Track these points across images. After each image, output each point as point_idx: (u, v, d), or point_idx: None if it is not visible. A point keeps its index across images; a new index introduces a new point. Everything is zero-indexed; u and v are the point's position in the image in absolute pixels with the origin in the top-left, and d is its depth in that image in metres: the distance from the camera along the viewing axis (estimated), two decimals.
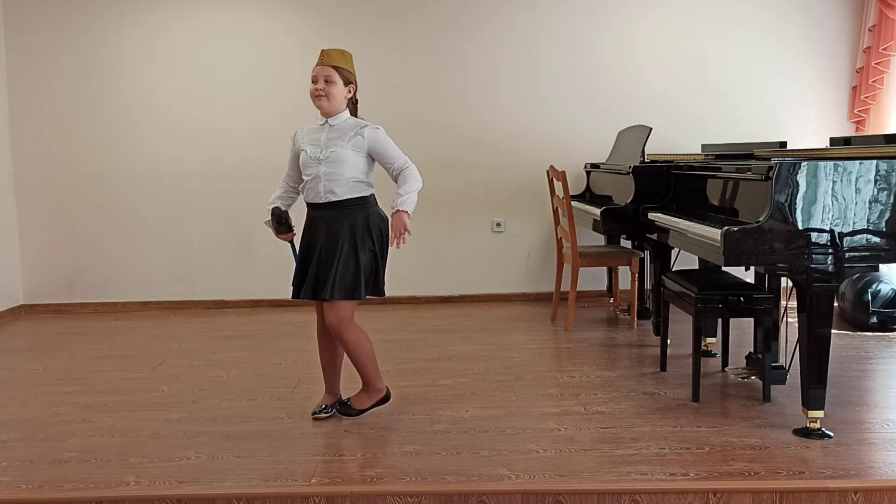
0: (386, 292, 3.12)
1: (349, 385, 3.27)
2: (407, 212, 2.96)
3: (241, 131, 5.56)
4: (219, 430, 3.05)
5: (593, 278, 5.64)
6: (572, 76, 5.60)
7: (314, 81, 3.02)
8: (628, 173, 4.32)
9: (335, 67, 3.01)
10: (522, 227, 5.70)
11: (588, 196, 5.45)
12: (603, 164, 5.27)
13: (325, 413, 3.16)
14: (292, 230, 3.19)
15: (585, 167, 5.55)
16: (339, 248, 2.97)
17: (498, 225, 5.69)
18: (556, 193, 4.76)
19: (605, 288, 5.70)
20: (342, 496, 2.46)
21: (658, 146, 5.30)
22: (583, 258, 4.66)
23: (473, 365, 3.95)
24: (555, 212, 4.92)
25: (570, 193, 4.62)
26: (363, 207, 3.03)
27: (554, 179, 4.81)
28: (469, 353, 4.18)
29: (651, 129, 4.65)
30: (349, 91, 3.06)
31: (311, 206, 3.07)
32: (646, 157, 4.54)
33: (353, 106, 3.12)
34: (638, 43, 5.59)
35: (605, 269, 5.60)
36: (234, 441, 2.93)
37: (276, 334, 4.78)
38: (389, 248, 3.07)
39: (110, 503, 2.47)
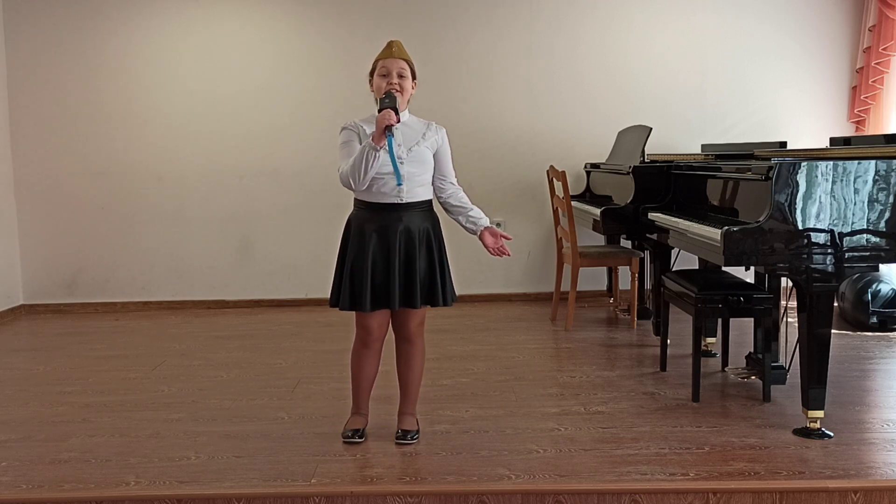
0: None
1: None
2: (488, 223, 2.86)
3: (240, 132, 5.56)
4: (219, 430, 3.05)
5: (593, 278, 5.64)
6: (572, 76, 5.60)
7: (385, 74, 2.77)
8: (628, 173, 4.32)
9: (406, 61, 2.80)
10: (522, 227, 5.69)
11: (588, 196, 5.45)
12: (603, 164, 5.27)
13: (360, 438, 2.88)
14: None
15: (585, 167, 5.55)
16: (421, 251, 2.79)
17: (498, 225, 5.62)
18: (556, 193, 4.76)
19: (605, 288, 5.70)
20: (342, 496, 2.46)
21: (658, 146, 5.30)
22: (583, 258, 4.66)
23: (473, 365, 3.95)
24: (555, 212, 4.92)
25: (570, 193, 4.62)
26: (433, 209, 2.88)
27: (554, 179, 4.81)
28: (469, 353, 4.18)
29: (651, 129, 4.65)
30: (413, 86, 2.86)
31: (382, 207, 2.77)
32: (646, 157, 4.54)
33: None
34: (638, 43, 5.59)
35: (605, 269, 5.60)
36: (234, 441, 2.93)
37: (276, 334, 4.78)
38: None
39: (110, 503, 2.47)
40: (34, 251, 5.58)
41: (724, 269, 3.53)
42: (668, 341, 3.85)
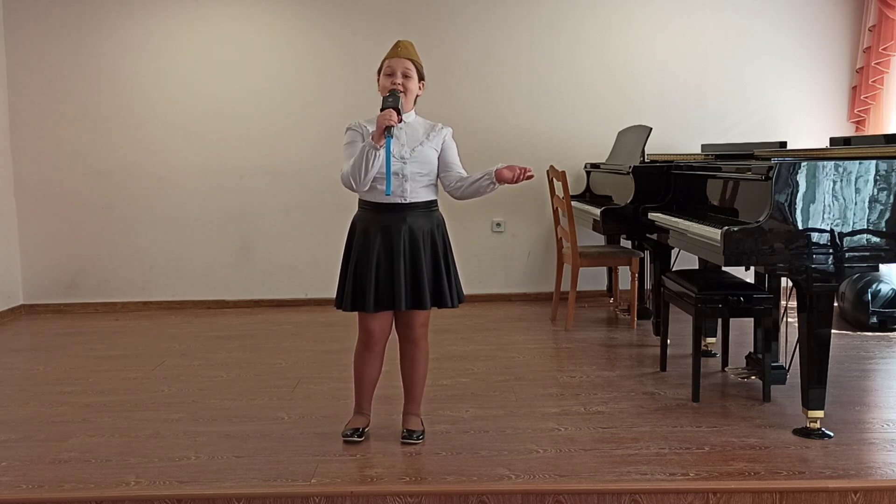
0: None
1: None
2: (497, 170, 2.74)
3: (241, 132, 5.56)
4: (219, 430, 3.05)
5: (593, 278, 5.64)
6: (572, 76, 5.60)
7: (390, 74, 2.76)
8: (628, 173, 4.33)
9: (412, 61, 2.80)
10: (522, 227, 5.70)
11: (588, 196, 5.45)
12: (603, 164, 5.27)
13: (359, 437, 2.89)
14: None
15: (585, 167, 5.55)
16: (426, 252, 2.77)
17: (498, 225, 5.69)
18: (556, 193, 4.76)
19: (605, 288, 5.70)
20: (342, 496, 2.46)
21: (658, 146, 5.30)
22: (583, 258, 4.66)
23: (473, 365, 3.95)
24: (555, 212, 4.92)
25: (570, 193, 4.62)
26: (438, 210, 2.87)
27: (554, 179, 4.81)
28: (469, 353, 4.18)
29: (651, 129, 4.65)
30: (421, 87, 2.86)
31: (385, 207, 2.76)
32: (646, 157, 4.54)
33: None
34: (637, 43, 5.59)
35: (605, 269, 5.60)
36: (234, 441, 2.93)
37: (276, 334, 4.78)
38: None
39: (110, 503, 2.47)
40: (34, 251, 5.57)
41: (724, 269, 3.53)
42: (668, 341, 3.85)
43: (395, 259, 2.74)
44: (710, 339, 4.01)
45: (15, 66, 5.46)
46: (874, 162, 2.79)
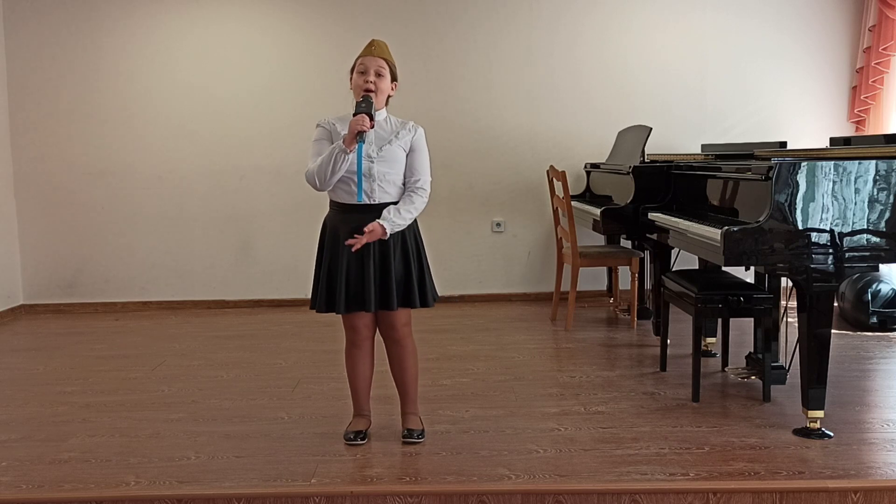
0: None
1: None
2: (386, 230, 2.69)
3: (241, 132, 5.56)
4: (219, 430, 3.05)
5: (593, 278, 5.64)
6: (572, 76, 5.60)
7: (363, 72, 2.75)
8: (628, 173, 4.33)
9: (386, 60, 2.79)
10: (522, 227, 5.70)
11: (588, 196, 5.45)
12: (603, 164, 5.27)
13: (362, 440, 2.88)
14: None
15: (585, 167, 5.55)
16: (396, 252, 2.76)
17: (498, 225, 5.69)
18: (556, 193, 4.76)
19: (605, 288, 5.70)
20: (342, 496, 2.46)
21: (658, 146, 5.30)
22: (583, 258, 4.66)
23: (473, 365, 3.95)
24: (555, 212, 4.92)
25: (570, 193, 4.62)
26: None
27: (554, 179, 4.81)
28: (469, 353, 4.18)
29: (651, 128, 4.65)
30: (393, 88, 2.84)
31: (354, 208, 2.75)
32: (646, 157, 4.54)
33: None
34: (637, 43, 5.59)
35: (605, 269, 5.60)
36: (234, 441, 2.93)
37: (276, 334, 4.78)
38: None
39: (110, 503, 2.47)
40: (34, 251, 5.58)
41: (724, 269, 3.53)
42: (668, 341, 3.85)
43: (364, 261, 2.74)
44: (710, 339, 4.01)
45: (15, 66, 5.46)
46: (874, 162, 2.79)
